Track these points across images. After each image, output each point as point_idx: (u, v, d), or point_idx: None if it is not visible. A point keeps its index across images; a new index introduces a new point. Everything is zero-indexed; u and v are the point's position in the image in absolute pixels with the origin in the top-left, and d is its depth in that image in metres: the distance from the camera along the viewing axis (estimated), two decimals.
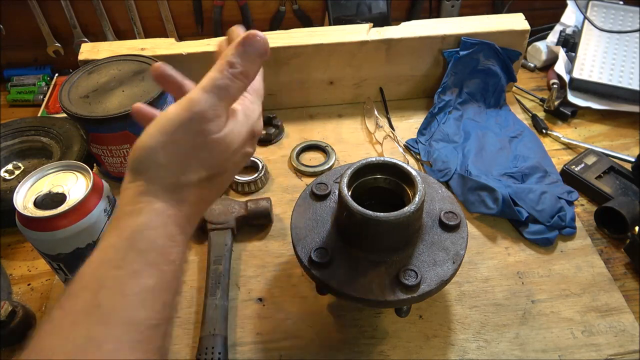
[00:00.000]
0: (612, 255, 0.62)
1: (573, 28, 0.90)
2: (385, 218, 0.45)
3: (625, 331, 0.54)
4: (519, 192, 0.65)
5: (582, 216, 0.67)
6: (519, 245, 0.63)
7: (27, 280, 0.62)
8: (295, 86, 0.81)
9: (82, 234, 0.47)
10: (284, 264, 0.62)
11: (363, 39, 0.76)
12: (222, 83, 0.35)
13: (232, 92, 0.35)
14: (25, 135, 0.69)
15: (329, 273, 0.48)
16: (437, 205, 0.53)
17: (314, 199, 0.55)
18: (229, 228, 0.62)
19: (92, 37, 0.93)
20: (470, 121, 0.78)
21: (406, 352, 0.53)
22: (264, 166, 0.72)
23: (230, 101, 0.36)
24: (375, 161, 0.51)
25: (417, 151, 0.76)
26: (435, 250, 0.49)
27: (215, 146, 0.35)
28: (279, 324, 0.56)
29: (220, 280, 0.57)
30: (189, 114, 0.33)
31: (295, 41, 0.76)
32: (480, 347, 0.53)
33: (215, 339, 0.52)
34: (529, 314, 0.56)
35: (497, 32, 0.78)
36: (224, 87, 0.35)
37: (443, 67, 0.81)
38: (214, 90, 0.34)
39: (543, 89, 0.88)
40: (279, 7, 0.97)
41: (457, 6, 1.00)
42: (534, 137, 0.76)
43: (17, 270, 0.63)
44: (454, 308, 0.56)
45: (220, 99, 0.34)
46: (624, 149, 0.76)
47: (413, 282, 0.46)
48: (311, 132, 0.80)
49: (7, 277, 0.62)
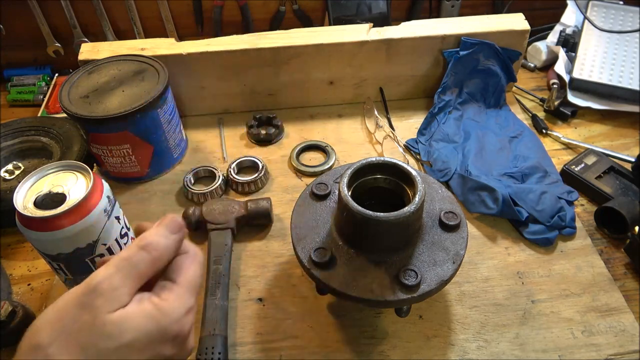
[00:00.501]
0: (612, 255, 0.62)
1: (573, 28, 0.90)
2: (385, 218, 0.45)
3: (625, 331, 0.54)
4: (519, 192, 0.65)
5: (582, 216, 0.67)
6: (519, 245, 0.63)
7: (27, 280, 0.62)
8: (295, 86, 0.81)
9: (82, 234, 0.47)
10: (284, 264, 0.62)
11: (363, 39, 0.76)
12: (125, 255, 0.32)
13: (135, 263, 0.32)
14: (25, 135, 0.69)
15: (329, 273, 0.48)
16: (437, 205, 0.53)
17: (314, 199, 0.55)
18: (229, 228, 0.62)
19: (92, 37, 0.93)
20: (470, 121, 0.78)
21: (406, 352, 0.53)
22: (264, 166, 0.72)
23: (135, 276, 0.32)
24: (375, 161, 0.51)
25: (417, 151, 0.76)
26: (435, 250, 0.49)
27: (102, 329, 0.29)
28: (279, 324, 0.56)
29: (220, 280, 0.57)
30: (83, 286, 0.30)
31: (295, 41, 0.76)
32: (480, 347, 0.53)
33: (215, 339, 0.52)
34: (529, 314, 0.56)
35: (497, 32, 0.78)
36: (125, 258, 0.31)
37: (443, 67, 0.81)
38: (114, 261, 0.31)
39: (543, 89, 0.88)
40: (279, 7, 0.97)
41: (457, 6, 1.00)
42: (534, 137, 0.76)
43: (17, 270, 0.63)
44: (454, 308, 0.56)
45: (119, 269, 0.31)
46: (624, 149, 0.76)
47: (413, 282, 0.46)
48: (311, 132, 0.80)
49: (7, 277, 0.62)
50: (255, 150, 0.77)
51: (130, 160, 0.69)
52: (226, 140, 0.79)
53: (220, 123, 0.82)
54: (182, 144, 0.75)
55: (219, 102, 0.82)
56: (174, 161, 0.74)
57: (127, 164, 0.69)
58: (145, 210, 0.69)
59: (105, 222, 0.49)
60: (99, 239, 0.49)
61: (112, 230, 0.50)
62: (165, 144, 0.71)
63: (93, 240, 0.48)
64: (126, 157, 0.68)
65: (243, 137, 0.80)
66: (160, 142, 0.70)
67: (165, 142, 0.71)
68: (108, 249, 0.50)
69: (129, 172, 0.71)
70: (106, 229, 0.49)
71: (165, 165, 0.73)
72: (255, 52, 0.76)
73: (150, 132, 0.68)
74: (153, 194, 0.71)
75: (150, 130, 0.68)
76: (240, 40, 0.77)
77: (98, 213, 0.48)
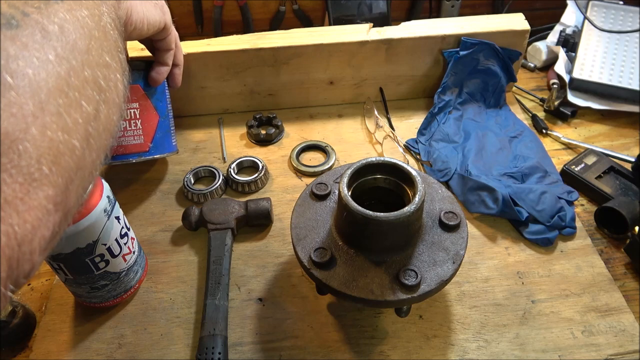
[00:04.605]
0: (612, 255, 0.62)
1: (573, 28, 0.90)
2: (385, 218, 0.45)
3: (625, 331, 0.54)
4: (519, 192, 0.65)
5: (582, 216, 0.67)
6: (519, 245, 0.63)
7: (27, 280, 0.62)
8: (295, 86, 0.81)
9: (82, 234, 0.47)
10: (284, 264, 0.62)
11: (363, 39, 0.76)
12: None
13: None
14: None
15: (329, 273, 0.48)
16: (437, 205, 0.53)
17: (314, 199, 0.55)
18: (229, 228, 0.62)
19: None
20: (470, 121, 0.78)
21: (406, 352, 0.53)
22: (264, 166, 0.72)
23: None
24: (375, 161, 0.51)
25: (417, 151, 0.76)
26: (435, 250, 0.49)
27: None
28: (279, 324, 0.56)
29: (220, 281, 0.57)
30: None
31: (295, 41, 0.76)
32: (480, 347, 0.53)
33: (215, 339, 0.52)
34: (529, 314, 0.56)
35: (497, 32, 0.78)
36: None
37: (443, 67, 0.81)
38: None
39: (543, 89, 0.89)
40: (279, 7, 0.97)
41: (457, 6, 1.00)
42: (534, 137, 0.76)
43: None
44: (454, 308, 0.56)
45: None
46: (624, 149, 0.76)
47: (413, 282, 0.46)
48: (311, 132, 0.80)
49: None
50: (255, 150, 0.78)
51: (135, 126, 0.66)
52: (226, 140, 0.79)
53: (220, 123, 0.82)
54: (175, 140, 0.73)
55: (219, 102, 0.82)
56: (172, 148, 0.71)
57: (131, 131, 0.66)
58: (145, 210, 0.69)
59: (105, 222, 0.49)
60: (99, 239, 0.49)
61: (112, 230, 0.50)
62: (168, 122, 0.70)
63: (93, 240, 0.48)
64: (132, 122, 0.66)
65: (243, 137, 0.80)
66: (164, 115, 0.68)
67: (167, 119, 0.69)
68: (108, 249, 0.50)
69: (130, 144, 0.67)
70: (106, 229, 0.49)
71: (166, 146, 0.70)
72: (255, 52, 0.76)
73: (159, 97, 0.67)
74: (153, 194, 0.71)
75: (159, 95, 0.67)
76: (240, 40, 0.77)
77: (98, 213, 0.48)
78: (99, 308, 0.56)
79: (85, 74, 0.29)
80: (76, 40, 0.29)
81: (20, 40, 0.25)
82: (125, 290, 0.56)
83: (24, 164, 0.23)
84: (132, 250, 0.55)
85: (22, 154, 0.23)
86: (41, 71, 0.26)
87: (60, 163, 0.26)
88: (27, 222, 0.24)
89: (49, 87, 0.26)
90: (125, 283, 0.55)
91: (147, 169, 0.75)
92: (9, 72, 0.24)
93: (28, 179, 0.24)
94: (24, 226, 0.23)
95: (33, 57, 0.25)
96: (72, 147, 0.27)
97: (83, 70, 0.29)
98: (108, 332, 0.56)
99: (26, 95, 0.24)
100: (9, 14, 0.26)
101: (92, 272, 0.51)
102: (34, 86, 0.25)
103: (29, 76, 0.25)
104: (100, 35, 0.32)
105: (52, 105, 0.26)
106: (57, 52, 0.27)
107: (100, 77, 0.31)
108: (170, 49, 0.64)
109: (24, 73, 0.25)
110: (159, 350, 0.54)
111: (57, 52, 0.27)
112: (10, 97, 0.23)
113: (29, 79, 0.25)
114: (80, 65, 0.29)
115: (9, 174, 0.23)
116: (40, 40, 0.26)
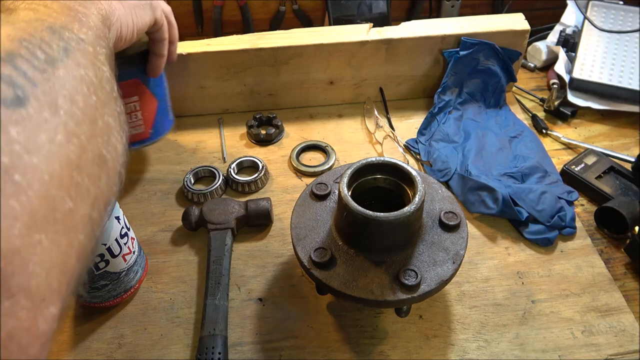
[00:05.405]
0: (612, 255, 0.62)
1: (573, 28, 0.90)
2: (385, 218, 0.45)
3: (625, 331, 0.54)
4: (519, 192, 0.65)
5: (582, 216, 0.67)
6: (519, 245, 0.63)
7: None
8: (295, 86, 0.81)
9: None
10: (284, 264, 0.62)
11: (363, 39, 0.76)
12: None
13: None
14: None
15: (328, 273, 0.48)
16: (437, 205, 0.53)
17: (314, 199, 0.55)
18: (229, 228, 0.62)
19: None
20: (470, 121, 0.78)
21: (406, 352, 0.53)
22: (264, 166, 0.72)
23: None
24: (375, 161, 0.51)
25: (417, 151, 0.76)
26: (435, 250, 0.49)
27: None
28: (279, 324, 0.56)
29: (220, 281, 0.57)
30: None
31: (295, 41, 0.76)
32: (480, 347, 0.53)
33: (215, 339, 0.52)
34: (529, 314, 0.56)
35: (497, 32, 0.78)
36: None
37: (443, 67, 0.81)
38: None
39: (543, 89, 0.88)
40: (279, 7, 0.97)
41: (457, 6, 1.00)
42: (534, 137, 0.76)
43: None
44: (454, 308, 0.56)
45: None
46: (624, 149, 0.76)
47: (413, 282, 0.46)
48: (311, 132, 0.80)
49: None
50: (255, 150, 0.78)
51: (135, 117, 0.66)
52: (226, 140, 0.79)
53: (220, 123, 0.82)
54: (172, 115, 0.73)
55: (219, 102, 0.82)
56: (169, 123, 0.71)
57: (131, 123, 0.66)
58: (145, 210, 0.69)
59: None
60: (98, 239, 0.49)
61: (112, 230, 0.50)
62: (165, 100, 0.69)
63: None
64: (132, 114, 0.66)
65: (243, 137, 0.80)
66: (162, 98, 0.68)
67: (165, 98, 0.69)
68: (108, 249, 0.50)
69: (131, 134, 0.67)
70: (106, 229, 0.49)
71: (165, 126, 0.70)
72: (255, 52, 0.76)
73: (156, 82, 0.66)
74: (153, 194, 0.71)
75: (156, 80, 0.66)
76: (240, 40, 0.77)
77: None
78: (99, 308, 0.56)
79: (92, 148, 0.26)
80: (84, 109, 0.26)
81: (29, 122, 0.22)
82: (125, 290, 0.56)
83: (33, 284, 0.21)
84: (132, 250, 0.55)
85: (32, 275, 0.21)
86: (50, 162, 0.23)
87: (67, 272, 0.23)
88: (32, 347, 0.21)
89: (54, 181, 0.23)
90: (125, 283, 0.55)
91: (147, 169, 0.75)
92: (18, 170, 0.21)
93: (37, 300, 0.21)
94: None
95: (42, 148, 0.22)
96: (78, 243, 0.24)
97: (89, 144, 0.26)
98: (108, 332, 0.56)
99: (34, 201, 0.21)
100: (15, 82, 0.23)
101: (92, 272, 0.51)
102: (44, 190, 0.22)
103: (39, 174, 0.22)
104: (103, 94, 0.30)
105: (58, 211, 0.23)
106: (67, 129, 0.24)
107: (103, 147, 0.28)
108: (164, 39, 0.62)
109: (32, 166, 0.22)
110: (159, 350, 0.54)
111: (67, 129, 0.24)
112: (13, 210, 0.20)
113: (39, 181, 0.22)
114: (87, 140, 0.26)
115: (15, 301, 0.20)
116: (50, 118, 0.24)
